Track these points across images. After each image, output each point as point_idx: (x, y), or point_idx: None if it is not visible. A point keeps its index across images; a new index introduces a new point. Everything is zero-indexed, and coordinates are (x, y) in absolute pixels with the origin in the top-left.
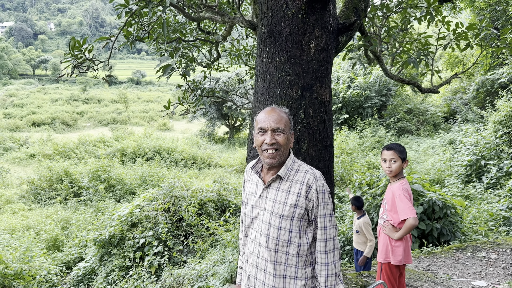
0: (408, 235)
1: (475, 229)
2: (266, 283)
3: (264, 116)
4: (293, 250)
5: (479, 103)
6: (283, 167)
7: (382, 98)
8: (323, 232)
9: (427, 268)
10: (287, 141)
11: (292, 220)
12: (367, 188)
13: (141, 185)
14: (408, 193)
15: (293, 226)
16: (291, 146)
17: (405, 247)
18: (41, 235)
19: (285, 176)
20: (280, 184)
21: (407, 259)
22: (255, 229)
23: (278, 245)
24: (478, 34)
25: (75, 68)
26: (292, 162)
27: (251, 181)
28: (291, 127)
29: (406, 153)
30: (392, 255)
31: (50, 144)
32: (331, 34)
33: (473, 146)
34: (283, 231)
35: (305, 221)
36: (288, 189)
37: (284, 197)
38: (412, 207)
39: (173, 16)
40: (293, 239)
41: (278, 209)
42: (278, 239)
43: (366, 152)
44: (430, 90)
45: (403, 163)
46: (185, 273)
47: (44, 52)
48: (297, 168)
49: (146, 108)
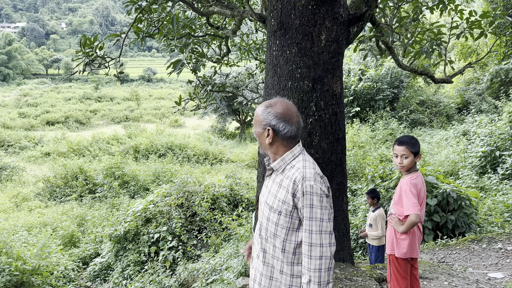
0: (416, 229)
1: (491, 220)
2: (257, 269)
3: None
4: (279, 244)
5: (493, 93)
6: (278, 160)
7: (394, 90)
8: (308, 236)
9: (442, 260)
10: (256, 135)
11: (279, 214)
12: (380, 181)
13: (154, 181)
14: (416, 188)
15: (279, 220)
16: (266, 142)
17: (411, 241)
18: (58, 232)
19: (279, 169)
20: (276, 176)
21: (412, 253)
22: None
23: (267, 235)
24: (492, 22)
25: (86, 65)
26: (293, 156)
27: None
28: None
29: (419, 146)
30: (397, 248)
31: (65, 142)
32: (342, 25)
33: (488, 137)
34: (271, 223)
35: (296, 219)
36: (280, 182)
37: (276, 190)
38: (416, 203)
39: (182, 12)
40: (278, 233)
41: (269, 201)
42: (267, 230)
43: (379, 145)
44: (444, 80)
45: (415, 157)
46: (199, 267)
47: (56, 51)
48: (294, 164)
49: (158, 105)
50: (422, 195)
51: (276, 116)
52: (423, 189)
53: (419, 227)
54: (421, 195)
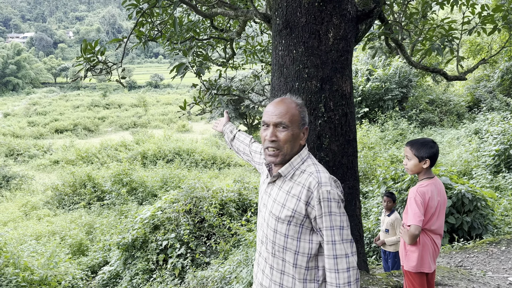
0: (429, 241)
1: (508, 221)
2: (263, 285)
3: (269, 108)
4: (289, 258)
5: (504, 90)
6: (286, 165)
7: (402, 90)
8: (332, 248)
9: (460, 264)
10: (291, 138)
11: (289, 224)
12: (392, 182)
13: (162, 187)
14: (423, 197)
15: (289, 231)
16: (301, 143)
17: (421, 254)
18: (66, 240)
19: (287, 175)
20: (283, 183)
21: (422, 267)
22: (259, 224)
23: (275, 250)
24: (505, 16)
25: (88, 71)
26: (301, 160)
27: (264, 172)
28: (303, 122)
29: (430, 153)
30: (406, 260)
31: (73, 150)
32: (350, 22)
33: (501, 135)
34: (279, 235)
35: (307, 228)
36: (289, 190)
37: (284, 198)
38: (418, 213)
39: (186, 15)
40: (289, 246)
41: (275, 210)
42: (274, 243)
43: (389, 146)
44: (457, 77)
45: (421, 162)
46: (208, 275)
47: (64, 60)
48: (304, 168)
49: (165, 110)
50: (435, 204)
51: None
52: (437, 198)
53: (433, 240)
54: (432, 204)
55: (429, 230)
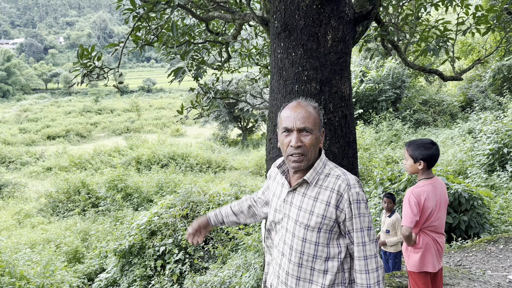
0: (431, 241)
1: (504, 219)
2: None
3: (289, 114)
4: (319, 266)
5: (496, 89)
6: (310, 171)
7: (396, 91)
8: (362, 249)
9: (459, 263)
10: (315, 142)
11: (319, 232)
12: (389, 183)
13: (158, 192)
14: (418, 198)
15: (320, 239)
16: (321, 146)
17: (423, 254)
18: (61, 248)
19: (312, 181)
20: (307, 189)
21: (425, 266)
22: (279, 237)
23: (303, 259)
24: (499, 17)
25: (84, 76)
26: (323, 164)
27: (277, 180)
28: (321, 124)
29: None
30: (408, 260)
31: (66, 156)
32: (348, 24)
33: (494, 134)
34: (308, 243)
35: (336, 233)
36: (316, 196)
37: (311, 205)
38: (410, 214)
39: (181, 19)
40: (319, 254)
41: (303, 219)
42: (303, 253)
43: (384, 147)
44: (453, 77)
45: (416, 163)
46: (207, 280)
47: (55, 66)
48: (328, 172)
49: (159, 115)
50: (432, 205)
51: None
52: (434, 198)
53: (434, 239)
54: (429, 205)
55: (429, 230)
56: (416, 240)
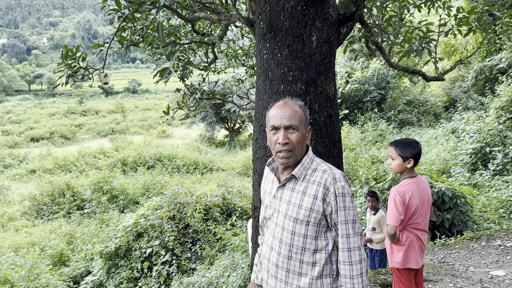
0: (415, 238)
1: (486, 217)
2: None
3: (276, 112)
4: (308, 258)
5: (478, 90)
6: (298, 166)
7: (381, 92)
8: (346, 241)
9: (443, 260)
10: (301, 139)
11: (307, 225)
12: (374, 182)
13: (144, 194)
14: (403, 197)
15: (308, 231)
16: (307, 142)
17: (407, 250)
18: (46, 251)
19: (300, 176)
20: (296, 184)
21: (408, 262)
22: (269, 231)
23: (292, 252)
24: (480, 18)
25: (69, 77)
26: (310, 160)
27: (268, 178)
28: (307, 122)
29: (413, 153)
30: (392, 257)
31: (50, 159)
32: (333, 25)
33: (477, 134)
34: (297, 236)
35: (323, 226)
36: (304, 190)
37: (299, 199)
38: (395, 213)
39: (166, 20)
40: (308, 246)
41: (292, 212)
42: (292, 245)
43: (369, 147)
44: (436, 78)
45: (405, 162)
46: (195, 281)
47: (38, 67)
48: (315, 167)
49: (144, 116)
50: (416, 203)
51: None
52: (418, 196)
53: (418, 236)
54: (413, 203)
55: (413, 228)
56: (399, 238)
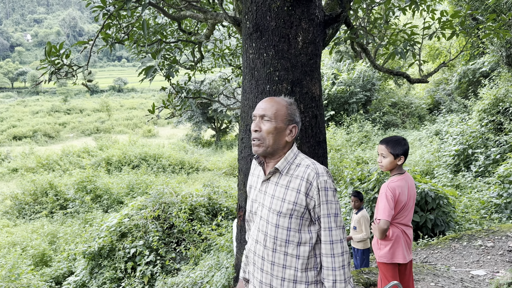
0: (401, 234)
1: (468, 218)
2: (263, 282)
3: (258, 104)
4: (292, 251)
5: (461, 93)
6: (281, 160)
7: (366, 93)
8: (328, 234)
9: (425, 260)
10: (273, 131)
11: (290, 218)
12: (359, 183)
13: (128, 194)
14: (393, 192)
15: (291, 224)
16: (287, 140)
17: (393, 245)
18: (28, 251)
19: (284, 169)
20: (280, 178)
21: (395, 257)
22: (254, 225)
23: (276, 244)
24: (463, 22)
25: (52, 74)
26: (294, 155)
27: (254, 173)
28: (289, 118)
29: (404, 150)
30: (379, 252)
31: (33, 157)
32: (318, 26)
33: (460, 136)
34: (281, 229)
35: (307, 220)
36: (287, 184)
37: (283, 193)
38: (387, 208)
39: (152, 18)
40: (291, 239)
41: (276, 206)
42: (276, 238)
43: (354, 148)
44: (420, 80)
45: (396, 159)
46: (179, 281)
47: (22, 64)
48: (298, 162)
49: (130, 115)
50: (405, 199)
51: (298, 115)
52: (407, 192)
53: (404, 231)
54: (402, 199)
55: (399, 223)
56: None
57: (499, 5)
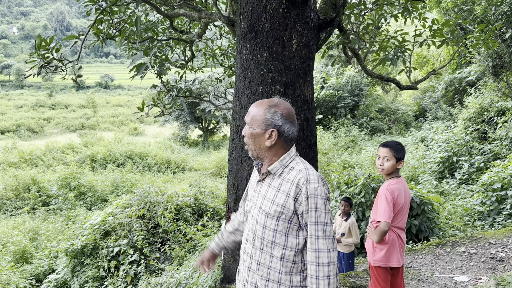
0: (396, 237)
1: (451, 224)
2: (249, 281)
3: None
4: (277, 253)
5: (448, 101)
6: (275, 163)
7: (354, 98)
8: (314, 242)
9: (409, 265)
10: (251, 136)
11: (278, 220)
12: (345, 187)
13: (113, 192)
14: (392, 194)
15: (278, 227)
16: (266, 144)
17: (389, 249)
18: (8, 248)
19: (276, 172)
20: (273, 180)
21: (390, 261)
22: (247, 224)
23: (263, 245)
24: (454, 31)
25: (41, 68)
26: (290, 159)
27: (255, 174)
28: (266, 123)
29: (404, 154)
30: (373, 256)
31: (16, 152)
32: (313, 29)
33: (445, 143)
34: (268, 230)
35: (295, 224)
36: (279, 187)
37: (273, 194)
38: (388, 210)
39: (144, 15)
40: (277, 241)
41: (265, 207)
42: (263, 238)
43: (341, 152)
44: (409, 87)
45: (397, 163)
46: (163, 281)
47: (7, 57)
48: (293, 166)
49: (116, 112)
50: (402, 202)
51: (282, 117)
52: (403, 195)
53: (399, 235)
54: (400, 202)
55: (395, 227)
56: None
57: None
